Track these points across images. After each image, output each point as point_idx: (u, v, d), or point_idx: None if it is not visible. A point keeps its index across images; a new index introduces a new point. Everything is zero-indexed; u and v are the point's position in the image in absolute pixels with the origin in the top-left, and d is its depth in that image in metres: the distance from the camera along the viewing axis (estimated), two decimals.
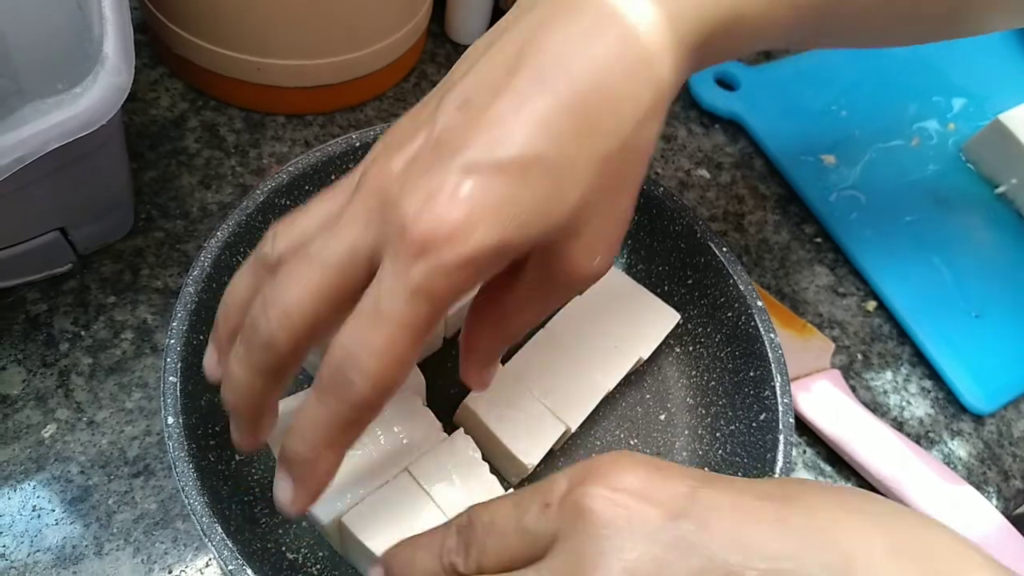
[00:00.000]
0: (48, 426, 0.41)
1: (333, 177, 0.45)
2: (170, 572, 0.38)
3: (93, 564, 0.38)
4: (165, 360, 0.37)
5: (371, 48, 0.51)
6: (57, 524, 0.38)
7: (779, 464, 0.39)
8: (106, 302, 0.44)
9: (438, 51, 0.60)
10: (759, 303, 0.44)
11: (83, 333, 0.43)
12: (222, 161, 0.51)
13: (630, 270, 0.49)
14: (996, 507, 0.46)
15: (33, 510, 0.38)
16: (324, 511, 0.36)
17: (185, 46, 0.50)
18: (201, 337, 0.39)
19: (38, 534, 0.38)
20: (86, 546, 0.38)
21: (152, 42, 0.53)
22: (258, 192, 0.42)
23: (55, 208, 0.41)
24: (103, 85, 0.36)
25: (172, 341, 0.37)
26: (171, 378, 0.36)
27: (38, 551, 0.38)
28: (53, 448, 0.40)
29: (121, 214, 0.45)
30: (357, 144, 0.44)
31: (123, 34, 0.37)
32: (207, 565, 0.38)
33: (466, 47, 0.60)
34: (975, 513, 0.45)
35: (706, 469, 0.43)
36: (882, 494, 0.46)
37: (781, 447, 0.40)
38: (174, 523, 0.39)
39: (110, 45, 0.36)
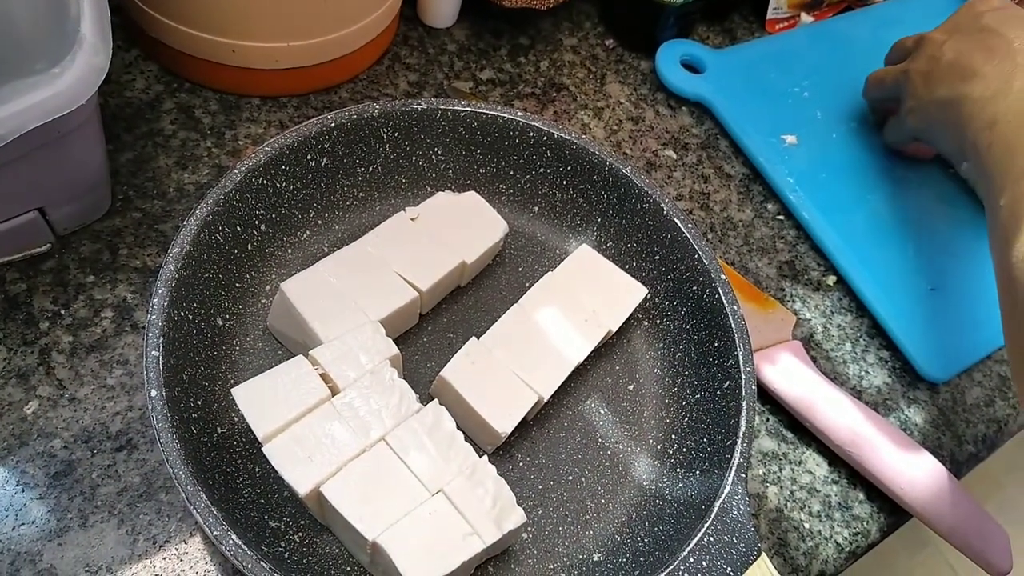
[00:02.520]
0: (30, 403, 0.41)
1: (309, 157, 0.46)
2: (155, 542, 0.39)
3: (78, 536, 0.39)
4: (147, 334, 0.38)
5: (345, 31, 0.52)
6: (42, 498, 0.39)
7: (742, 429, 0.41)
8: (85, 281, 0.45)
9: (411, 34, 0.61)
10: (723, 277, 0.46)
11: (63, 312, 0.44)
12: (198, 143, 0.51)
13: (600, 247, 0.50)
14: (950, 470, 0.48)
15: (17, 484, 0.39)
16: (303, 482, 0.37)
17: (159, 28, 0.50)
18: (181, 313, 0.40)
19: (23, 508, 0.39)
20: (71, 519, 0.39)
21: (126, 24, 0.54)
22: (235, 172, 0.43)
23: (33, 188, 0.41)
24: (81, 65, 0.36)
25: (153, 316, 0.38)
26: (153, 352, 0.37)
27: (23, 524, 0.38)
28: (36, 424, 0.41)
29: (99, 195, 0.46)
30: (332, 124, 0.45)
31: (100, 14, 0.37)
32: (191, 535, 0.40)
33: (438, 31, 0.61)
34: (930, 476, 0.47)
35: (673, 437, 0.45)
36: (842, 459, 0.48)
37: (744, 413, 0.41)
38: (157, 495, 0.40)
39: (87, 26, 0.37)
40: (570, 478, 0.44)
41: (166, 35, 0.50)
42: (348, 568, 0.39)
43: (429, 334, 0.47)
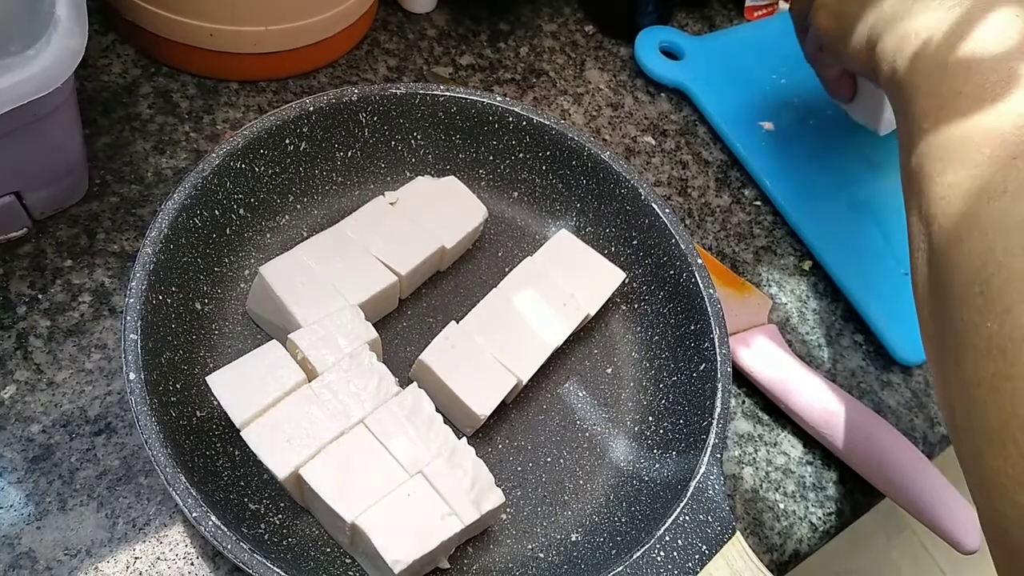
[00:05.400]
0: (7, 387, 0.41)
1: (287, 141, 0.45)
2: (134, 525, 0.39)
3: (57, 519, 0.39)
4: (125, 318, 0.37)
5: (324, 15, 0.52)
6: (20, 482, 0.39)
7: (717, 410, 0.42)
8: (63, 266, 0.45)
9: (390, 19, 0.60)
10: (699, 261, 0.46)
11: (40, 296, 0.44)
12: (176, 127, 0.51)
13: (578, 232, 0.51)
14: (922, 451, 0.49)
15: None
16: (282, 465, 0.37)
17: (136, 12, 0.50)
18: (160, 297, 0.40)
19: (1, 491, 0.39)
20: (49, 502, 0.39)
21: (103, 8, 0.53)
22: (214, 155, 0.43)
23: (9, 172, 0.41)
24: (56, 48, 0.36)
25: (132, 300, 0.38)
26: (132, 335, 0.37)
27: (1, 508, 0.38)
28: (13, 409, 0.41)
29: (76, 179, 0.46)
30: (311, 109, 0.45)
31: None
32: (171, 517, 0.40)
33: (418, 16, 0.61)
34: (903, 457, 0.48)
35: (650, 419, 0.46)
36: (816, 440, 0.49)
37: (719, 395, 0.42)
38: (137, 479, 0.40)
39: (62, 8, 0.37)
40: (548, 460, 0.44)
41: (143, 19, 0.50)
42: (328, 549, 0.39)
43: (408, 319, 0.47)
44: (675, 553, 0.38)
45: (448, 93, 0.48)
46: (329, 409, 0.39)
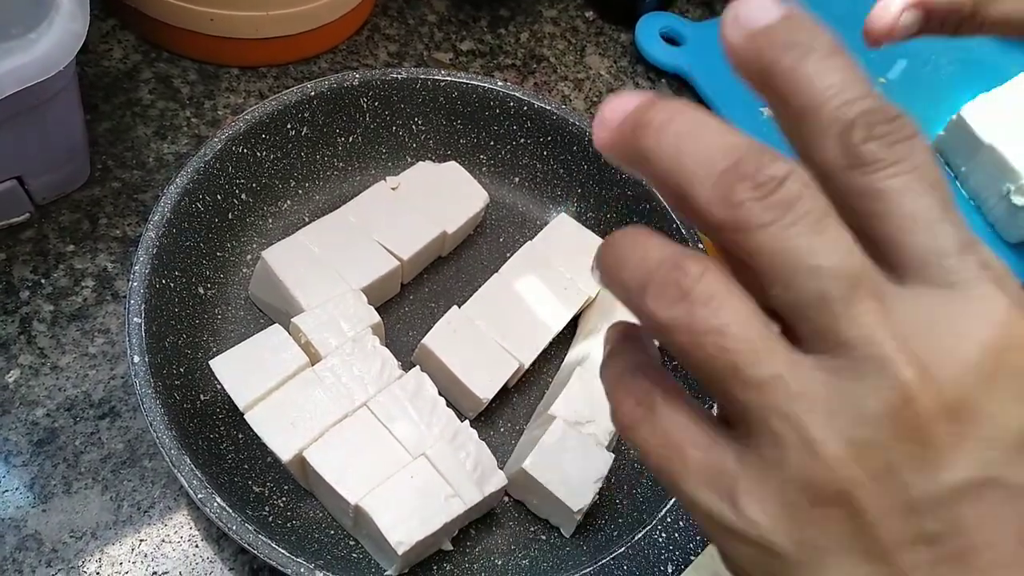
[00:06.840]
0: (11, 371, 0.41)
1: (289, 126, 0.46)
2: (139, 508, 0.39)
3: (63, 502, 0.39)
4: (129, 301, 0.38)
5: (324, 0, 0.52)
6: (25, 465, 0.39)
7: None
8: (65, 251, 0.45)
9: (390, 5, 0.60)
10: (700, 245, 0.46)
11: (43, 281, 0.44)
12: (177, 112, 0.51)
13: (580, 217, 0.51)
14: None
15: None
16: (286, 448, 0.37)
17: None
18: (163, 281, 0.40)
19: (6, 475, 0.39)
20: (55, 485, 0.39)
21: None
22: (216, 140, 0.43)
23: (11, 157, 0.41)
24: (59, 31, 0.36)
25: (135, 283, 0.38)
26: (135, 319, 0.37)
27: (7, 491, 0.39)
28: (18, 392, 0.41)
29: (77, 164, 0.46)
30: (312, 94, 0.45)
31: None
32: (175, 500, 0.40)
33: (418, 1, 0.61)
34: None
35: None
36: None
37: None
38: (141, 462, 0.40)
39: None
40: None
41: (144, 4, 0.50)
42: (332, 531, 0.40)
43: (411, 303, 0.47)
44: (676, 535, 0.38)
45: (449, 78, 0.48)
46: (332, 392, 0.39)
